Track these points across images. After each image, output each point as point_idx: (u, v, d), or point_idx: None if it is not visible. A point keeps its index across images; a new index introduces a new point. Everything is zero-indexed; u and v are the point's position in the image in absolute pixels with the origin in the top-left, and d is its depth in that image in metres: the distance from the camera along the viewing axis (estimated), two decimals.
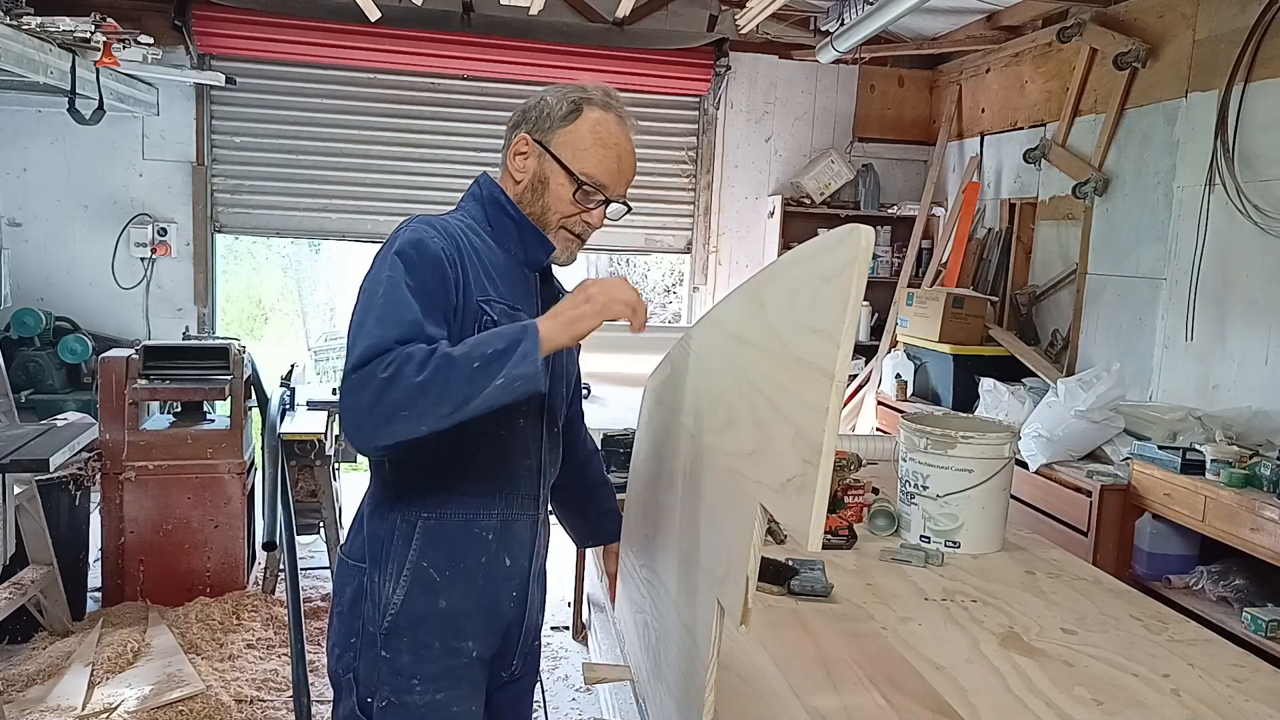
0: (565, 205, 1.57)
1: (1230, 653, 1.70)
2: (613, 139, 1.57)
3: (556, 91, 1.59)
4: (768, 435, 1.04)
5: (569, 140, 1.56)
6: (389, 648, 1.52)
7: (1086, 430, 3.71)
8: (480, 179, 1.66)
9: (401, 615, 1.51)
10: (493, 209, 1.60)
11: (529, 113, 1.60)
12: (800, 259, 1.11)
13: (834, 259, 0.98)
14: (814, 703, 1.42)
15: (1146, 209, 4.23)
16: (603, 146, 1.56)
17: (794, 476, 0.94)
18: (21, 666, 3.30)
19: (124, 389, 3.82)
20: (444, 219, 1.55)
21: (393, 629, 1.51)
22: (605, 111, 1.58)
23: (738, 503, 1.10)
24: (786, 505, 0.96)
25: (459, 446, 1.49)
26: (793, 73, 6.17)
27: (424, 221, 1.50)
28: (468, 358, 1.30)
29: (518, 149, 1.59)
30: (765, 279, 1.18)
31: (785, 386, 1.02)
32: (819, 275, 1.00)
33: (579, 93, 1.58)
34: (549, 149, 1.56)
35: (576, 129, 1.56)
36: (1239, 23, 3.71)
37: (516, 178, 1.60)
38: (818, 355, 0.94)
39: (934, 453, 2.19)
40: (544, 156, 1.57)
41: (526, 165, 1.59)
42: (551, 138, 1.57)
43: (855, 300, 0.91)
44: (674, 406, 1.54)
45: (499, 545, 1.56)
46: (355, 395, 1.32)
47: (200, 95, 5.59)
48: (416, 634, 1.52)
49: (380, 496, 1.56)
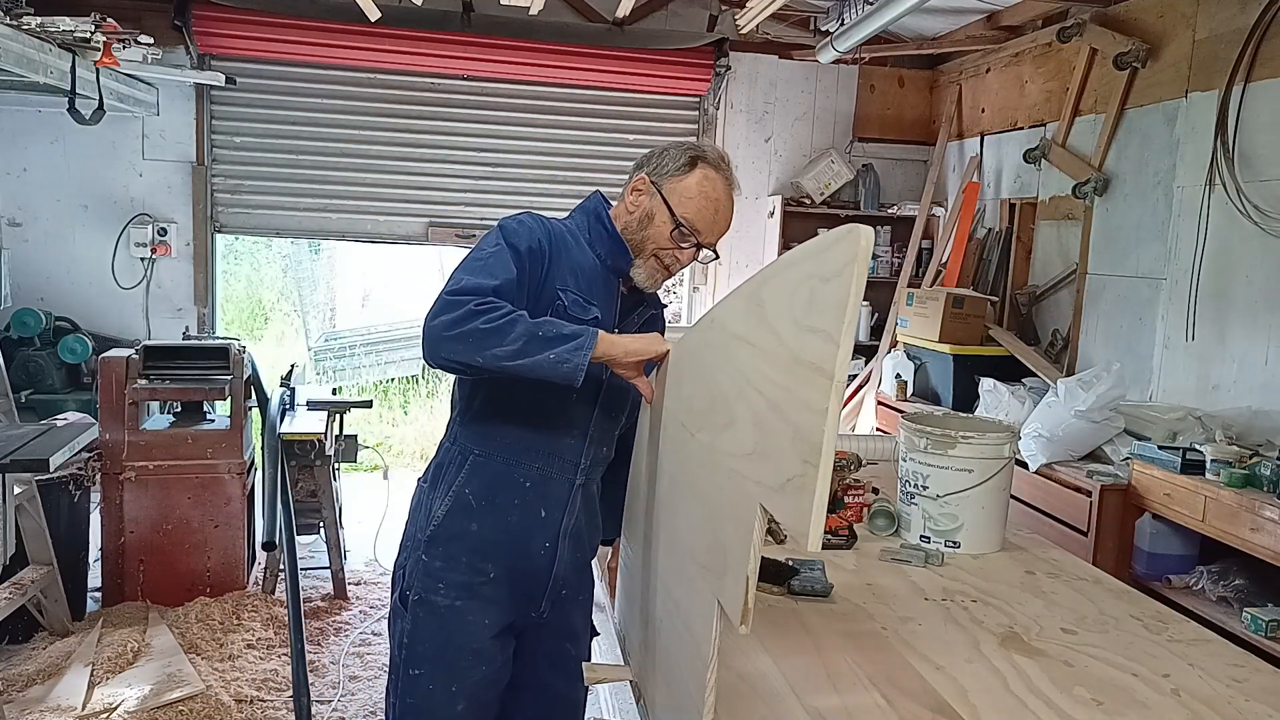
0: (663, 240, 1.84)
1: (1230, 653, 1.70)
2: (715, 194, 1.84)
3: (679, 145, 1.88)
4: (767, 435, 1.04)
5: (679, 188, 1.83)
6: (428, 553, 1.82)
7: (1086, 430, 3.71)
8: (593, 195, 1.96)
9: (441, 528, 1.81)
10: (594, 221, 1.89)
11: (653, 158, 1.88)
12: (799, 259, 1.11)
13: (833, 259, 0.98)
14: (814, 702, 1.42)
15: (1146, 209, 4.23)
16: (706, 199, 1.83)
17: (794, 476, 0.94)
18: (21, 666, 3.30)
19: (124, 389, 3.83)
20: (553, 220, 1.86)
21: (433, 538, 1.81)
22: (715, 171, 1.84)
23: (737, 502, 1.10)
24: (786, 505, 0.96)
25: (514, 403, 1.79)
26: (793, 73, 6.16)
27: (533, 216, 1.82)
28: (537, 326, 1.60)
29: (636, 186, 1.87)
30: (764, 279, 1.18)
31: (785, 387, 1.02)
32: (818, 275, 1.00)
33: (697, 151, 1.86)
34: (661, 191, 1.84)
35: (687, 180, 1.83)
36: (1239, 23, 3.71)
37: (630, 209, 1.87)
38: (817, 355, 0.94)
39: (934, 453, 2.19)
40: (655, 196, 1.84)
41: (639, 202, 1.87)
42: (665, 183, 1.84)
43: (855, 300, 0.91)
44: (674, 407, 1.55)
45: (536, 495, 1.81)
46: (444, 313, 1.61)
47: (200, 95, 5.59)
48: (450, 546, 1.81)
49: (450, 432, 1.89)
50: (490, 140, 5.90)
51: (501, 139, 5.90)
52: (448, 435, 1.89)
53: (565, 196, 5.84)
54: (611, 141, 6.02)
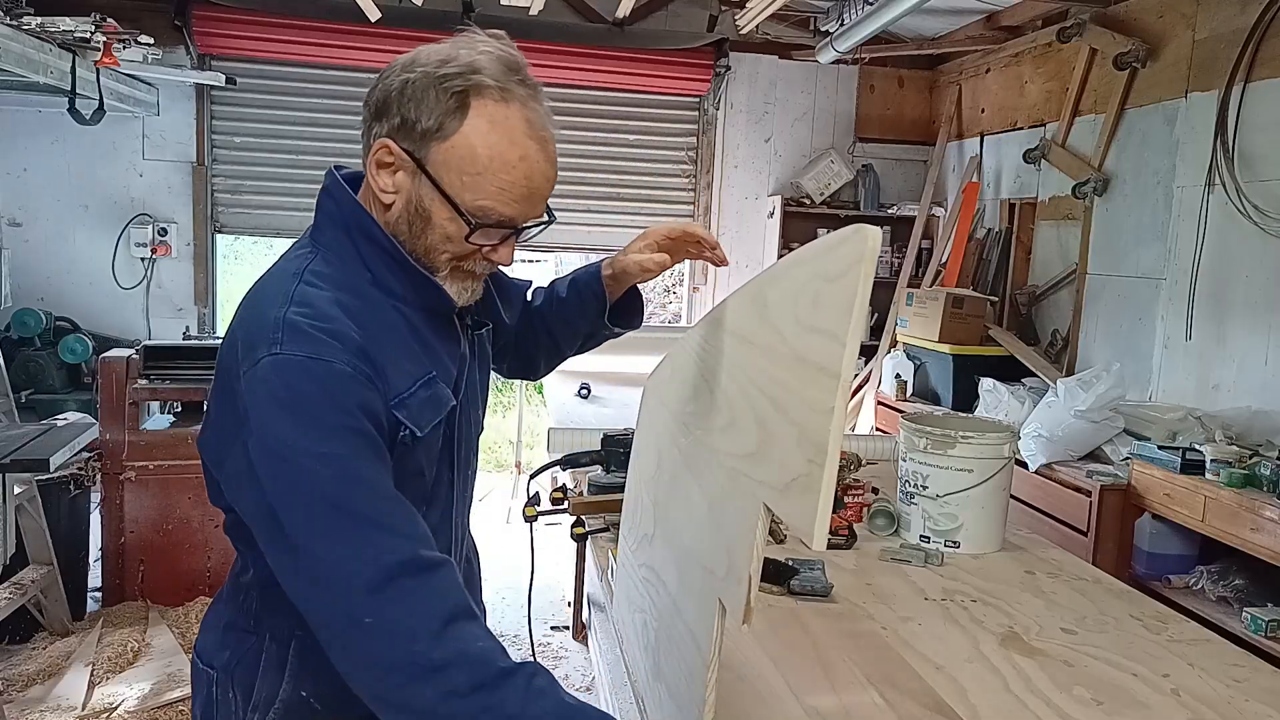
0: (457, 245, 1.13)
1: (1230, 653, 1.70)
2: (518, 149, 1.09)
3: (426, 64, 1.10)
4: (770, 435, 1.04)
5: (454, 159, 1.08)
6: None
7: (1086, 430, 3.71)
8: (335, 193, 1.17)
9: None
10: (366, 245, 1.14)
11: (389, 101, 1.10)
12: (804, 259, 1.11)
13: (839, 259, 0.98)
14: (813, 702, 1.42)
15: (1146, 209, 4.23)
16: (504, 166, 1.09)
17: (798, 476, 0.94)
18: (21, 666, 3.30)
19: (124, 389, 3.82)
20: (309, 290, 1.09)
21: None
22: (505, 104, 1.09)
23: (739, 503, 1.10)
24: (790, 505, 0.96)
25: None
26: (793, 73, 6.16)
27: (297, 324, 1.05)
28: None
29: (380, 158, 1.11)
30: (768, 279, 1.18)
31: (789, 387, 1.02)
32: (823, 275, 1.00)
33: (462, 72, 1.09)
34: (425, 169, 1.09)
35: (464, 141, 1.08)
36: (1239, 23, 3.71)
37: (384, 199, 1.13)
38: (822, 355, 0.94)
39: (934, 453, 2.19)
40: (419, 176, 1.10)
41: (396, 183, 1.12)
42: (428, 151, 1.09)
43: (861, 300, 0.91)
44: (675, 407, 1.54)
45: None
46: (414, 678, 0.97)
47: (200, 95, 5.59)
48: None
49: (244, 608, 1.21)
50: None
51: None
52: (241, 614, 1.21)
53: (565, 196, 5.83)
54: (611, 141, 6.02)
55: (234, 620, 1.23)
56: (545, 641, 3.80)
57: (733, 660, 1.53)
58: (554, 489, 2.50)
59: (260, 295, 1.13)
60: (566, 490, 2.44)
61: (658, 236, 1.50)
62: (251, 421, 1.03)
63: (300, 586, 1.02)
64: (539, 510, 2.28)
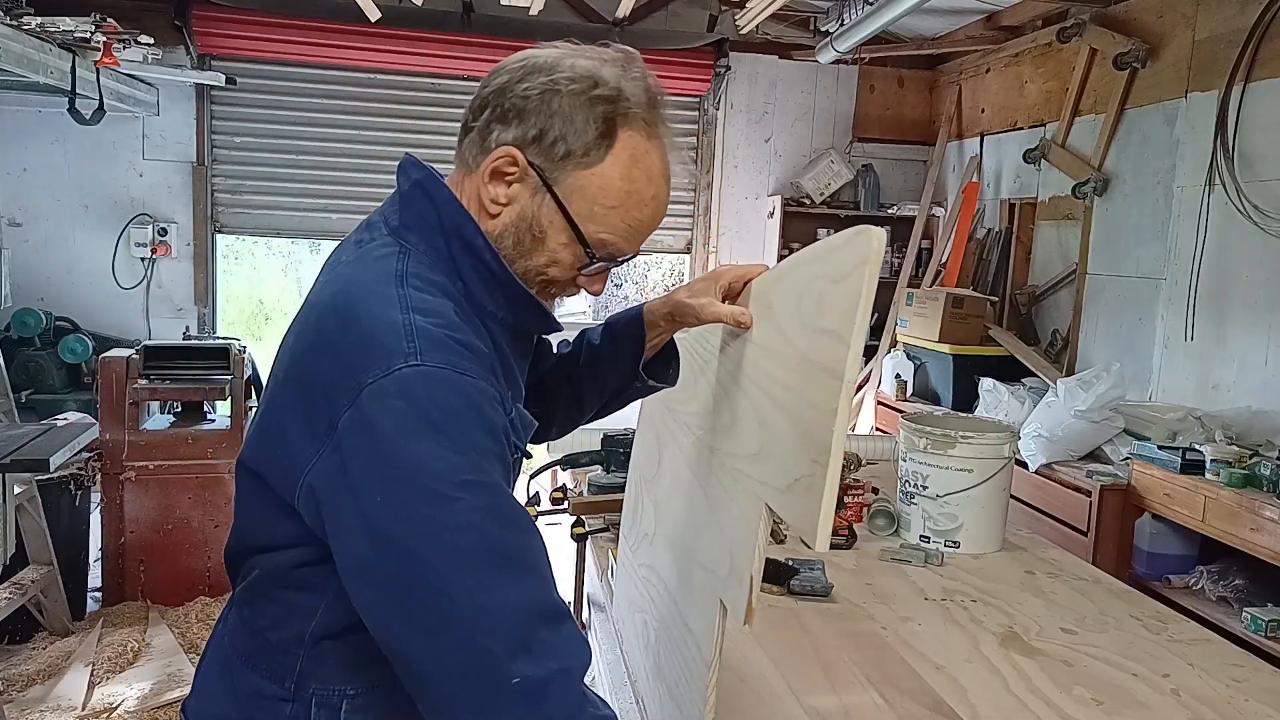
0: (561, 270, 1.06)
1: (1230, 653, 1.70)
2: (653, 188, 1.05)
3: (574, 77, 1.00)
4: (773, 435, 1.04)
5: (590, 187, 1.01)
6: None
7: (1086, 430, 3.71)
8: (434, 192, 1.05)
9: None
10: (463, 255, 1.03)
11: (526, 110, 1.00)
12: (808, 260, 1.11)
13: (843, 260, 0.98)
14: (813, 702, 1.42)
15: (1146, 209, 4.23)
16: (638, 204, 1.04)
17: (801, 477, 0.94)
18: (21, 666, 3.30)
19: (124, 389, 3.82)
20: (422, 295, 0.97)
21: None
22: (648, 139, 1.03)
23: (741, 503, 1.10)
24: (794, 505, 0.96)
25: None
26: (793, 73, 6.16)
27: (431, 333, 0.93)
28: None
29: (500, 166, 1.02)
30: (771, 280, 1.18)
31: (792, 387, 1.02)
32: (827, 276, 1.00)
33: (610, 97, 1.00)
34: (555, 192, 1.01)
35: (604, 171, 1.01)
36: (1239, 23, 3.71)
37: (491, 209, 1.03)
38: (827, 356, 0.94)
39: (934, 453, 2.19)
40: (543, 195, 1.02)
41: (512, 196, 1.03)
42: (564, 175, 1.01)
43: (866, 301, 0.91)
44: (677, 408, 1.54)
45: None
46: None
47: (200, 95, 5.59)
48: None
49: (274, 666, 1.03)
50: None
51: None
52: (275, 678, 1.03)
53: None
54: None
55: (262, 688, 1.03)
56: None
57: (733, 660, 1.53)
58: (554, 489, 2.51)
59: (355, 296, 0.97)
60: (566, 490, 2.44)
61: (731, 279, 1.24)
62: (376, 441, 0.87)
63: (434, 642, 0.86)
64: (539, 510, 2.28)
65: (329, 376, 0.93)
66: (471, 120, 1.05)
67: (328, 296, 1.01)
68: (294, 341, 1.01)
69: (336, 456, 0.90)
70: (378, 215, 1.09)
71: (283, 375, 1.00)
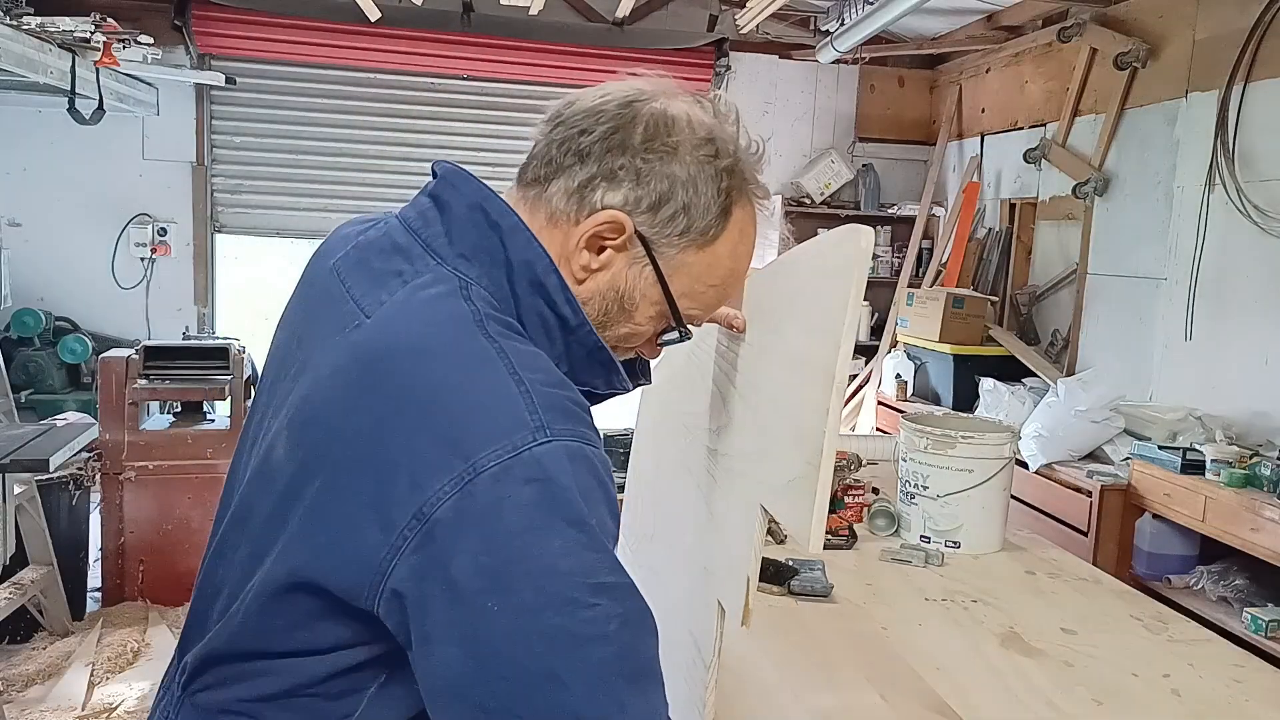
0: (635, 340, 0.97)
1: (1230, 653, 1.70)
2: (749, 256, 0.97)
3: (699, 148, 0.90)
4: (769, 435, 1.05)
5: (699, 266, 0.92)
6: None
7: (1086, 430, 3.71)
8: (509, 229, 0.88)
9: None
10: (533, 297, 0.88)
11: (645, 176, 0.88)
12: (800, 259, 1.11)
13: (834, 259, 0.98)
14: (812, 703, 1.42)
15: (1146, 209, 4.23)
16: (736, 281, 0.98)
17: (795, 478, 0.94)
18: (21, 666, 3.30)
19: (124, 389, 3.82)
20: (517, 346, 0.82)
21: None
22: (753, 209, 0.94)
23: (738, 503, 1.10)
24: (788, 506, 0.96)
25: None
26: (793, 73, 6.16)
27: (552, 397, 0.79)
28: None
29: (601, 232, 0.88)
30: (763, 280, 1.18)
31: (788, 386, 1.02)
32: (819, 275, 1.01)
33: (731, 169, 0.91)
34: (658, 264, 0.90)
35: (716, 250, 0.92)
36: (1239, 23, 3.71)
37: (578, 275, 0.90)
38: (818, 355, 0.94)
39: (934, 453, 2.19)
40: (643, 269, 0.91)
41: (605, 263, 0.90)
42: (674, 252, 0.90)
43: (855, 300, 0.91)
44: (674, 408, 1.54)
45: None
46: None
47: (200, 95, 5.59)
48: None
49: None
50: (490, 140, 5.90)
51: (502, 139, 5.90)
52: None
53: None
54: None
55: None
56: None
57: (732, 661, 1.53)
58: None
59: (433, 350, 0.80)
60: None
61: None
62: (494, 537, 0.73)
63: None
64: None
65: (414, 455, 0.75)
66: (560, 163, 0.89)
67: (381, 350, 0.81)
68: (337, 407, 0.81)
69: (431, 553, 0.73)
70: (405, 236, 0.91)
71: (326, 450, 0.80)
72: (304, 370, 0.87)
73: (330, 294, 0.90)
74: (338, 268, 0.92)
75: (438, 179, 0.93)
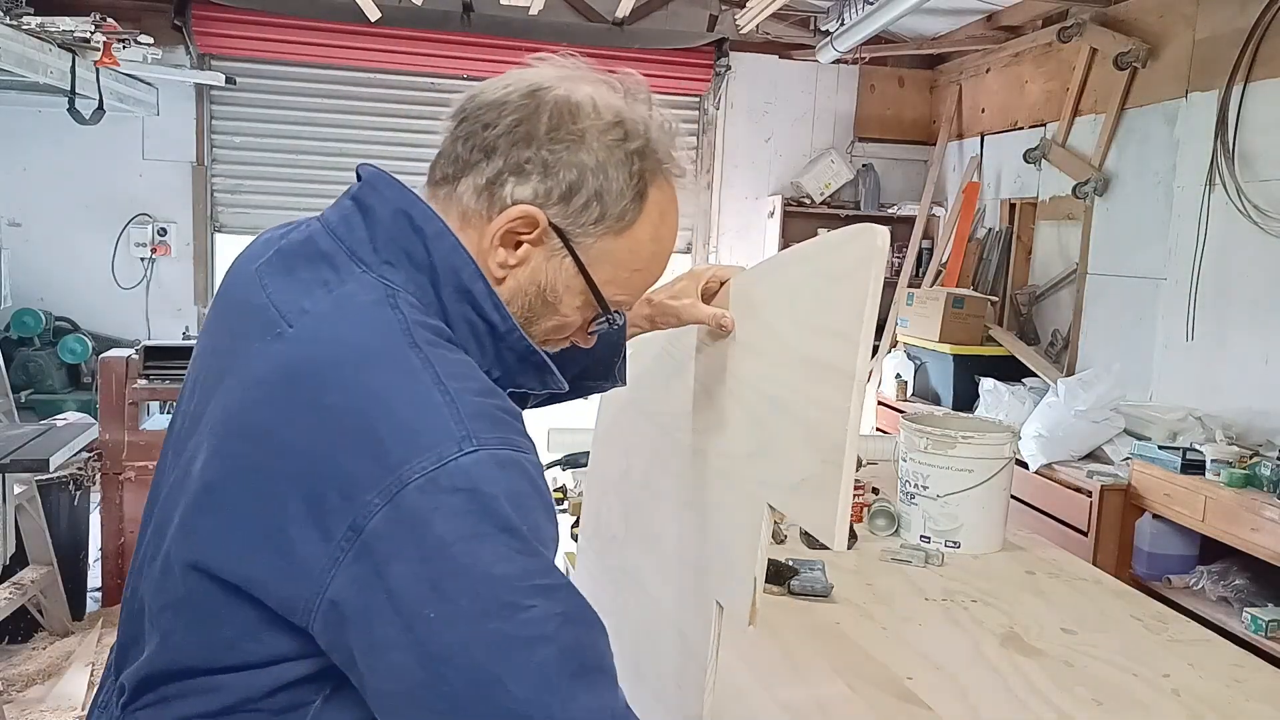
0: (564, 331, 0.96)
1: (1230, 653, 1.70)
2: (674, 238, 0.96)
3: (605, 133, 0.88)
4: (770, 435, 1.04)
5: (620, 251, 0.91)
6: None
7: (1086, 430, 3.71)
8: (431, 233, 0.87)
9: None
10: (460, 303, 0.87)
11: (552, 166, 0.87)
12: (800, 259, 1.11)
13: (844, 259, 0.98)
14: (812, 703, 1.42)
15: (1146, 209, 4.23)
16: (660, 261, 0.96)
17: (810, 476, 0.94)
18: (21, 666, 3.30)
19: (124, 389, 3.82)
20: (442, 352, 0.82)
21: None
22: (672, 189, 0.93)
23: (735, 503, 1.10)
24: (803, 505, 0.96)
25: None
26: (793, 73, 6.16)
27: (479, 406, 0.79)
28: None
29: (515, 228, 0.88)
30: (754, 279, 1.17)
31: (793, 386, 1.01)
32: (825, 275, 1.00)
33: (642, 150, 0.89)
34: (577, 255, 0.90)
35: (636, 234, 0.91)
36: (1239, 23, 3.71)
37: (496, 274, 0.89)
38: (833, 355, 0.94)
39: (934, 453, 2.19)
40: (563, 260, 0.90)
41: (523, 258, 0.90)
42: (591, 239, 0.89)
43: (873, 299, 0.91)
44: (648, 408, 1.49)
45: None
46: None
47: (200, 95, 5.59)
48: None
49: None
50: None
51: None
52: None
53: None
54: None
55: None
56: None
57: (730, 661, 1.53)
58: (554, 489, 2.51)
59: (359, 362, 0.79)
60: (566, 490, 2.44)
61: (708, 278, 1.20)
62: (427, 547, 0.73)
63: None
64: None
65: (343, 469, 0.75)
66: (467, 159, 0.89)
67: (307, 362, 0.80)
68: (262, 419, 0.80)
69: (367, 565, 0.74)
70: (329, 241, 0.88)
71: (252, 462, 0.79)
72: (224, 378, 0.85)
73: (251, 300, 0.88)
74: (260, 272, 0.90)
75: (361, 182, 0.93)
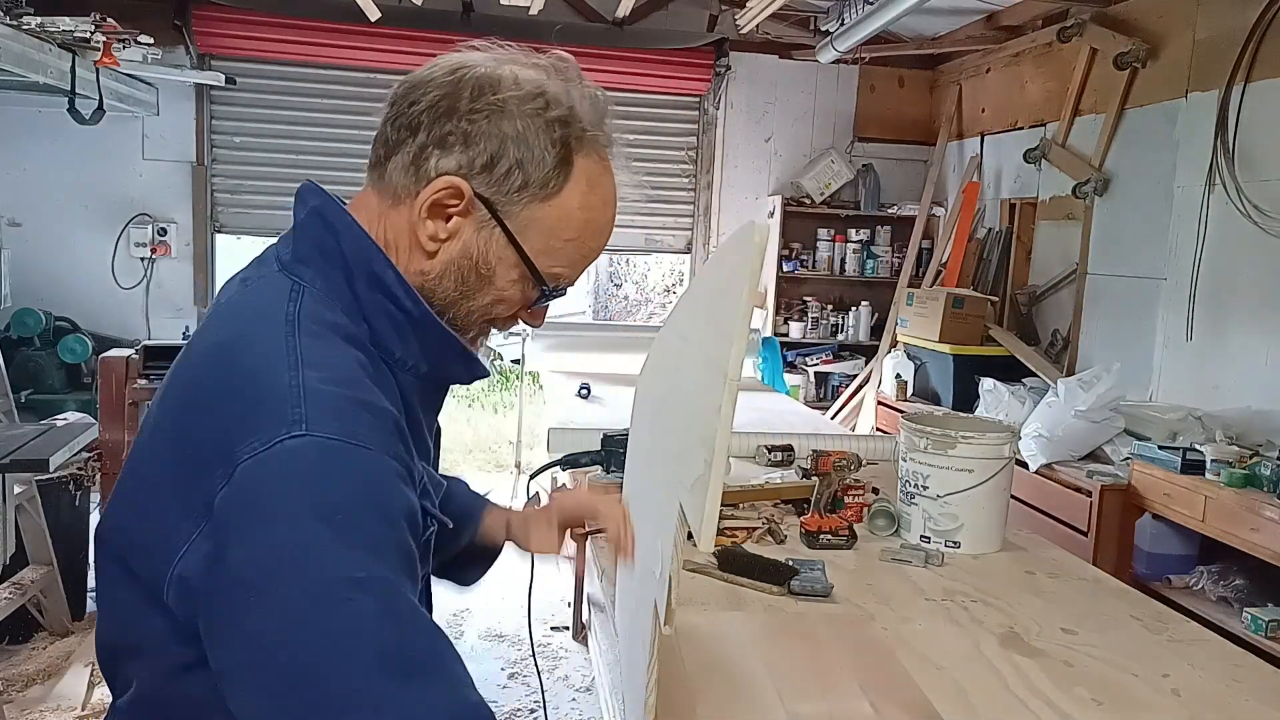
0: (507, 308, 0.96)
1: (1230, 653, 1.70)
2: (608, 213, 0.96)
3: (520, 94, 0.88)
4: (685, 437, 1.05)
5: (548, 220, 0.91)
6: None
7: (1086, 430, 3.71)
8: (333, 219, 0.90)
9: None
10: (370, 294, 0.89)
11: (474, 134, 0.88)
12: (715, 258, 1.13)
13: (733, 257, 0.99)
14: (812, 706, 1.42)
15: (1146, 209, 4.23)
16: (594, 233, 0.95)
17: (700, 476, 0.94)
18: (21, 666, 3.30)
19: (124, 389, 3.83)
20: (316, 343, 0.83)
21: None
22: (601, 160, 0.94)
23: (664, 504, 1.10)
24: (693, 505, 0.96)
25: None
26: (793, 73, 6.16)
27: (322, 393, 0.79)
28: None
29: (441, 199, 0.88)
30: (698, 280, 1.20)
31: (697, 388, 1.02)
32: (722, 276, 1.01)
33: (564, 119, 0.90)
34: (507, 227, 0.90)
35: (563, 202, 0.91)
36: (1239, 23, 3.71)
37: (428, 246, 0.90)
38: (719, 355, 0.94)
39: (934, 453, 2.19)
40: (492, 232, 0.90)
41: (453, 231, 0.90)
42: (517, 208, 0.90)
43: (749, 297, 0.89)
44: (638, 409, 1.52)
45: None
46: None
47: (200, 95, 5.59)
48: None
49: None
50: None
51: None
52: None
53: None
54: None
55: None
56: (545, 642, 3.80)
57: (731, 662, 1.52)
58: (554, 489, 2.50)
59: (236, 346, 0.84)
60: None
61: (564, 515, 1.28)
62: (254, 528, 0.74)
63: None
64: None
65: (203, 444, 0.78)
66: (395, 139, 0.90)
67: (206, 345, 0.87)
68: (169, 391, 0.86)
69: (211, 542, 0.75)
70: (270, 250, 0.94)
71: (151, 431, 0.85)
72: None
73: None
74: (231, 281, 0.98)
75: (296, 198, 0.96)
